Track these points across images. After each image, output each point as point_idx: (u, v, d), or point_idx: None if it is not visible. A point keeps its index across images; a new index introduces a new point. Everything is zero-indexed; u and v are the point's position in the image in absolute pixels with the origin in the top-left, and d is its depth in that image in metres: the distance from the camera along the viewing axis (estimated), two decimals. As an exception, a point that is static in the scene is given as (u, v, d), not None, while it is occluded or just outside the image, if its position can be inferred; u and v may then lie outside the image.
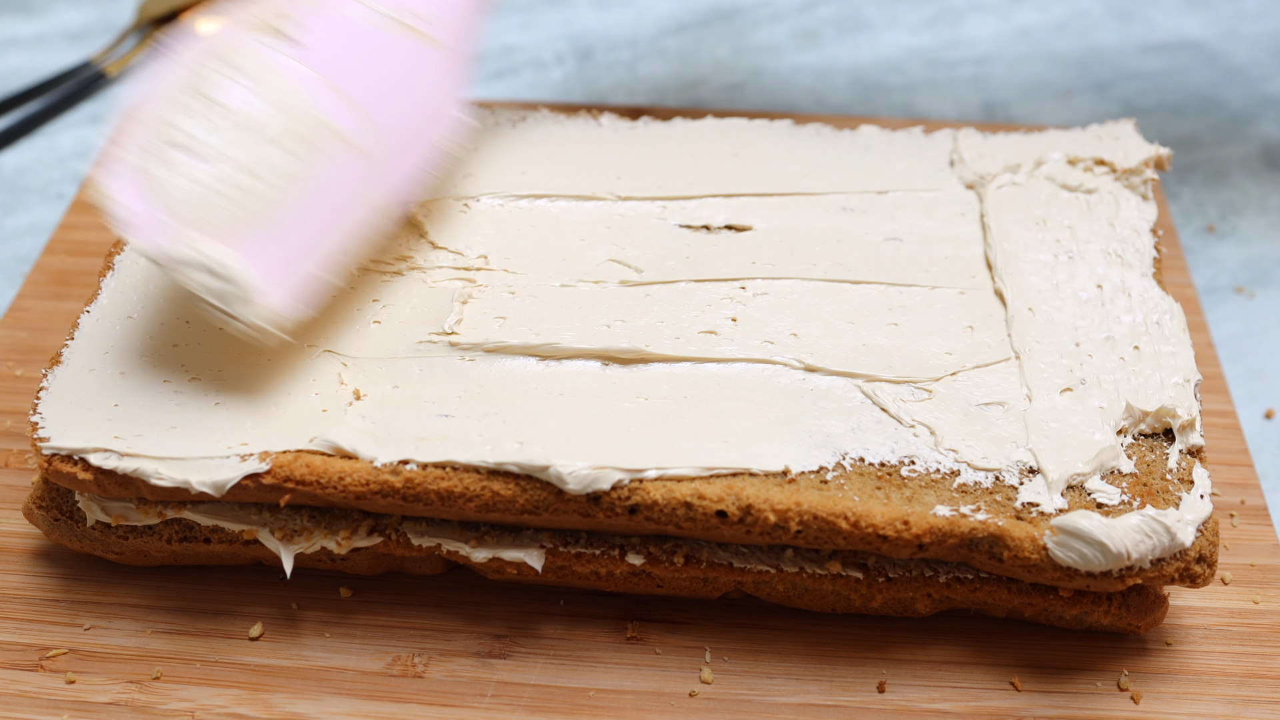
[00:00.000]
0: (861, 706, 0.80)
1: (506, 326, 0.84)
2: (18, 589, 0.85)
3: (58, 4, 1.41)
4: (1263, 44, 1.40)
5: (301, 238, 0.77)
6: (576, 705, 0.80)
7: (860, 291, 0.88)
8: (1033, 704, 0.80)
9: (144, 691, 0.80)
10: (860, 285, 0.88)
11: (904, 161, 0.99)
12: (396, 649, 0.83)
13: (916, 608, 0.83)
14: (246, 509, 0.82)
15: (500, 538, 0.81)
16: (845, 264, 0.90)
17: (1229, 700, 0.81)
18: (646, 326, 0.85)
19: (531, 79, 1.35)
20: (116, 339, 0.84)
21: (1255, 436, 0.99)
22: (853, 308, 0.87)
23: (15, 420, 0.95)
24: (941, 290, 0.88)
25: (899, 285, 0.88)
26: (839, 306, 0.87)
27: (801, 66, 1.37)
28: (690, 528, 0.77)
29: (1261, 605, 0.85)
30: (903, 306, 0.87)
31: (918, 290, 0.88)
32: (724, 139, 1.00)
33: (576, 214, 0.93)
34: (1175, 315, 0.86)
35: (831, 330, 0.85)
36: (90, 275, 1.05)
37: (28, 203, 1.19)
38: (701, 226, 0.92)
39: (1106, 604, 0.81)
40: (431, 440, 0.78)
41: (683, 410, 0.80)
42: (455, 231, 0.91)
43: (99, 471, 0.77)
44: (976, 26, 1.43)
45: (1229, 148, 1.27)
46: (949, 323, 0.86)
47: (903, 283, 0.89)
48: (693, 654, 0.83)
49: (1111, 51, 1.39)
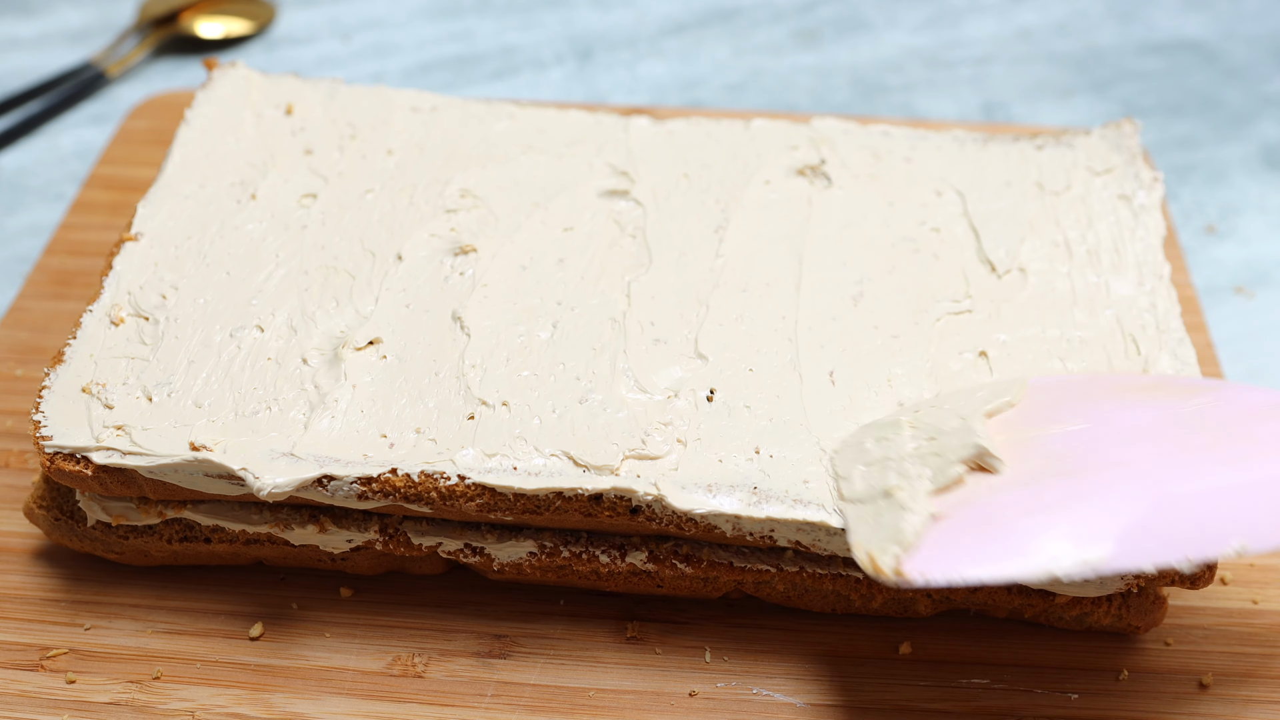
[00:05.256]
0: (861, 706, 0.80)
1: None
2: (18, 589, 0.85)
3: (58, 4, 1.41)
4: (1263, 44, 1.40)
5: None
6: (576, 705, 0.80)
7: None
8: (1033, 704, 0.80)
9: (144, 691, 0.80)
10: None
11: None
12: (396, 649, 0.83)
13: (916, 608, 0.83)
14: (247, 508, 0.82)
15: (501, 537, 0.82)
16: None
17: (1229, 700, 0.81)
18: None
19: (531, 79, 1.35)
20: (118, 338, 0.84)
21: (1255, 437, 0.99)
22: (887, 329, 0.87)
23: (16, 420, 0.95)
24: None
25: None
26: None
27: (801, 66, 1.37)
28: (691, 529, 0.77)
29: (1261, 605, 0.85)
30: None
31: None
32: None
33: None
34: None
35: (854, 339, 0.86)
36: (90, 275, 1.05)
37: (28, 203, 1.19)
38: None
39: (1106, 604, 0.81)
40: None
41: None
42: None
43: (101, 469, 0.77)
44: (976, 26, 1.43)
45: (1229, 148, 1.27)
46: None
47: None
48: (693, 654, 0.83)
49: (1111, 51, 1.39)
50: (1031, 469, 0.75)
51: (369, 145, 0.97)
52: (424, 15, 1.43)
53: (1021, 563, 0.70)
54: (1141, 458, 0.75)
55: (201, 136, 0.97)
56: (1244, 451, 0.74)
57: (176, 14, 1.36)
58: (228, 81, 1.02)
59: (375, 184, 0.94)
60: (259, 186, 0.93)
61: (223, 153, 0.96)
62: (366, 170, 0.95)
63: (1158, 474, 0.74)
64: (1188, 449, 0.75)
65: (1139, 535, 0.71)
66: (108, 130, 1.26)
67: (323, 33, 1.40)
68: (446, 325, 0.85)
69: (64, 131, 1.26)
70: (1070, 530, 0.71)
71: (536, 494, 0.76)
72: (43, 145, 1.25)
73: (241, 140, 0.97)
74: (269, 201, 0.92)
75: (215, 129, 0.98)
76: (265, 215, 0.91)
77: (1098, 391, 0.80)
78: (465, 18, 1.43)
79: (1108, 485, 0.73)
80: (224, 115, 0.99)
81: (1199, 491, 0.72)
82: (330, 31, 1.41)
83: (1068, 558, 0.70)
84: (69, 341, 0.83)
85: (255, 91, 1.01)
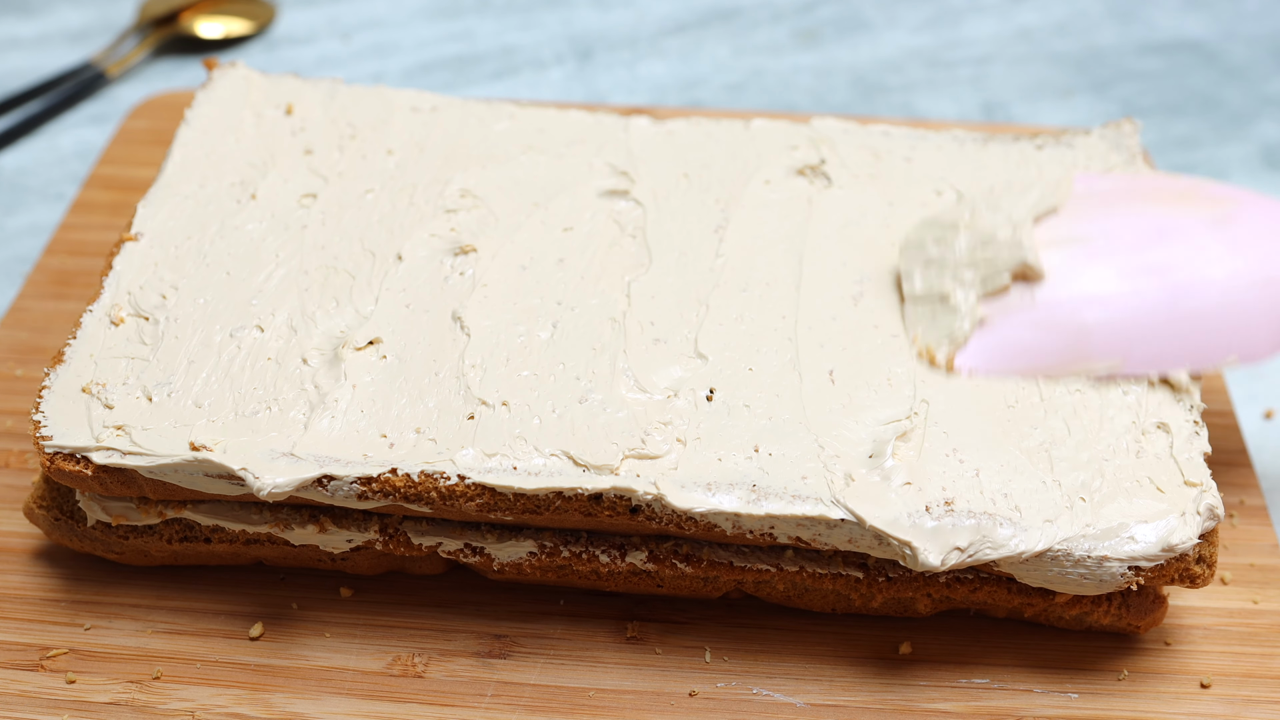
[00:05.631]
0: (861, 706, 0.80)
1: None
2: (18, 589, 0.85)
3: (58, 4, 1.41)
4: (1263, 44, 1.40)
5: None
6: (576, 705, 0.80)
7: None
8: (1033, 704, 0.80)
9: (144, 691, 0.80)
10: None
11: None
12: (396, 649, 0.83)
13: (916, 608, 0.83)
14: (247, 508, 0.82)
15: (501, 537, 0.82)
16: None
17: (1229, 700, 0.81)
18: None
19: (531, 79, 1.35)
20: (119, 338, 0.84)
21: (1255, 436, 0.99)
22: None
23: (16, 420, 0.95)
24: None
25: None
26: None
27: (801, 66, 1.37)
28: (691, 528, 0.77)
29: (1261, 605, 0.85)
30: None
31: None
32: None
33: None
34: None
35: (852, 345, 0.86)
36: (90, 275, 1.05)
37: (28, 203, 1.19)
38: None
39: (1106, 604, 0.81)
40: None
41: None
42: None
43: (101, 469, 0.77)
44: (976, 26, 1.43)
45: (1229, 148, 1.27)
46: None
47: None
48: (693, 654, 0.83)
49: (1111, 51, 1.39)
50: (1072, 275, 0.85)
51: (369, 145, 0.97)
52: (424, 15, 1.43)
53: (1054, 360, 0.83)
54: (1167, 264, 0.85)
55: (201, 136, 0.97)
56: (1256, 261, 0.85)
57: (176, 14, 1.36)
58: (228, 81, 1.02)
59: (375, 184, 0.94)
60: (259, 186, 0.93)
61: (223, 153, 0.96)
62: (366, 170, 0.95)
63: (1177, 280, 0.84)
64: (1209, 257, 0.85)
65: (1153, 345, 0.83)
66: (108, 130, 1.26)
67: (323, 33, 1.40)
68: (446, 325, 0.85)
69: (64, 131, 1.26)
70: (1098, 338, 0.83)
71: (536, 494, 0.76)
72: (43, 145, 1.25)
73: (241, 140, 0.97)
74: (269, 201, 0.92)
75: (215, 129, 0.98)
76: (265, 215, 0.91)
77: (1139, 191, 0.90)
78: (465, 18, 1.43)
79: (1135, 294, 0.84)
80: (224, 115, 0.99)
81: (1207, 307, 0.84)
82: (330, 31, 1.41)
83: (1096, 362, 0.83)
84: (69, 341, 0.83)
85: (255, 91, 1.01)
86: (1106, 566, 0.75)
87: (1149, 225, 0.87)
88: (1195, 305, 0.84)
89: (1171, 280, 0.84)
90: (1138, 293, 0.84)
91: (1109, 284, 0.85)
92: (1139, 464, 0.79)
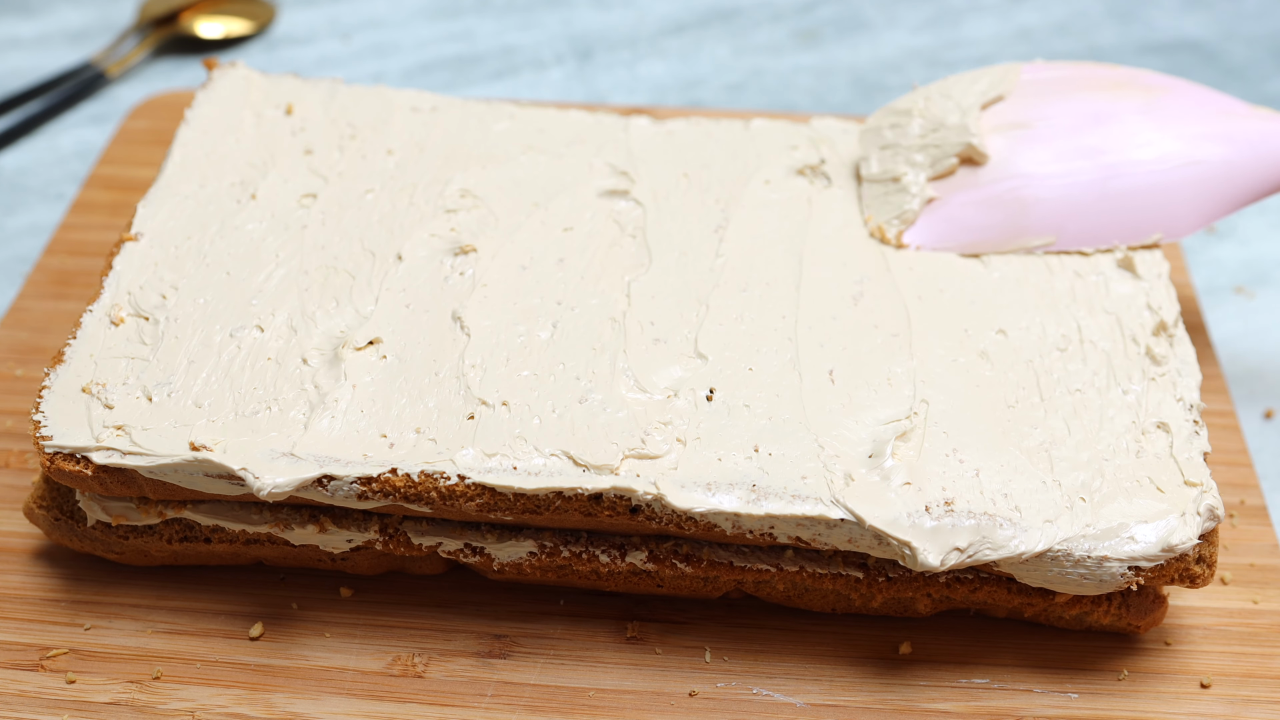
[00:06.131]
0: (861, 706, 0.80)
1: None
2: (18, 589, 0.85)
3: (58, 4, 1.41)
4: (1263, 44, 1.40)
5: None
6: (576, 705, 0.80)
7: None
8: (1032, 704, 0.80)
9: (144, 691, 0.80)
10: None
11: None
12: (396, 649, 0.83)
13: (916, 608, 0.83)
14: (247, 508, 0.82)
15: (501, 537, 0.82)
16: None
17: (1229, 700, 0.81)
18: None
19: (531, 79, 1.35)
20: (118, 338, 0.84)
21: (1255, 436, 0.99)
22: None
23: (16, 420, 0.95)
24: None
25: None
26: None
27: (801, 66, 1.37)
28: (691, 528, 0.77)
29: (1261, 605, 0.85)
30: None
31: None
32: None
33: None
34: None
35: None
36: (90, 275, 1.05)
37: (28, 203, 1.19)
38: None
39: (1106, 604, 0.81)
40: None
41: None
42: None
43: (101, 469, 0.77)
44: (976, 26, 1.43)
45: (1229, 148, 1.27)
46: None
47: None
48: (693, 654, 0.83)
49: (1111, 51, 1.39)
50: (1014, 158, 0.92)
51: (369, 145, 0.97)
52: (424, 15, 1.43)
53: (995, 236, 0.90)
54: (1101, 147, 0.92)
55: (201, 136, 0.97)
56: (1183, 144, 0.92)
57: (176, 14, 1.36)
58: (228, 81, 1.02)
59: (375, 184, 0.94)
60: (259, 186, 0.93)
61: (223, 153, 0.96)
62: (366, 170, 0.95)
63: (1110, 161, 0.91)
64: (1140, 141, 0.92)
65: (1086, 221, 0.90)
66: (108, 130, 1.26)
67: (323, 33, 1.40)
68: (446, 325, 0.85)
69: (64, 131, 1.26)
70: (1036, 215, 0.90)
71: (536, 494, 0.76)
72: (43, 145, 1.25)
73: (241, 140, 0.97)
74: (269, 201, 0.92)
75: (215, 129, 0.98)
76: (265, 215, 0.91)
77: (1080, 80, 0.96)
78: (465, 18, 1.43)
79: (1070, 174, 0.91)
80: (224, 115, 0.99)
81: (1136, 187, 0.90)
82: (330, 31, 1.41)
83: (1033, 237, 0.90)
84: (69, 341, 0.83)
85: (255, 91, 1.01)
86: (1106, 566, 0.76)
87: (1087, 110, 0.94)
88: (1125, 185, 0.90)
89: (1104, 162, 0.91)
90: (1072, 173, 0.91)
91: (1047, 165, 0.91)
92: (1139, 464, 0.79)
